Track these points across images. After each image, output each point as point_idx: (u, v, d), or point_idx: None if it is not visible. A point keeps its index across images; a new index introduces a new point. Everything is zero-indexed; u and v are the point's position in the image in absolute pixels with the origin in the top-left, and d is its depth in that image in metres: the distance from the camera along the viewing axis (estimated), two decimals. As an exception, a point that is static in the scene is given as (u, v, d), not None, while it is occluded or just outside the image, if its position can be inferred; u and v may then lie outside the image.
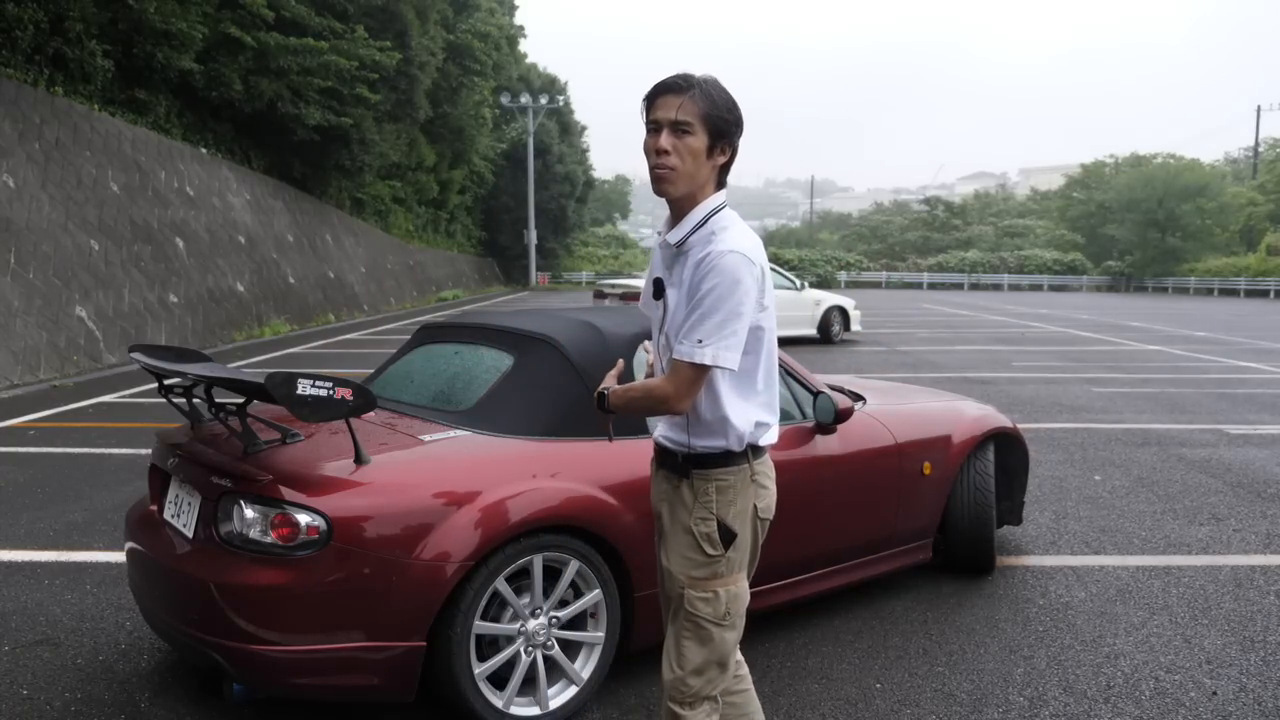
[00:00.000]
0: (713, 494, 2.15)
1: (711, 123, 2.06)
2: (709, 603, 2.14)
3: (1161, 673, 3.43)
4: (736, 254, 2.02)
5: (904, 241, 66.09)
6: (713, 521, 2.14)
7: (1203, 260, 50.85)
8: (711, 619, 2.15)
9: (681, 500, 2.19)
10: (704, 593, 2.14)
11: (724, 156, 2.11)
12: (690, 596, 2.15)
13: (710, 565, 2.15)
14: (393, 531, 2.71)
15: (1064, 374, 12.21)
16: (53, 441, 7.48)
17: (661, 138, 2.06)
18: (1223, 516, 5.46)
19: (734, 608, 2.16)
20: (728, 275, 2.01)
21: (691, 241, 2.11)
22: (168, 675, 3.34)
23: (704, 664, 2.16)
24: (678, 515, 2.19)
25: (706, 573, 2.15)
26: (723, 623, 2.15)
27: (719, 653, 2.16)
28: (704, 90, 2.06)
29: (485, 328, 3.66)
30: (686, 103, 2.04)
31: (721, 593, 2.15)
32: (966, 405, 4.70)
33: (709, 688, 2.18)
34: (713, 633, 2.15)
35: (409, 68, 25.24)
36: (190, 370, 3.03)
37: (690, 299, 2.06)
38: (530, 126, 45.88)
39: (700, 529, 2.15)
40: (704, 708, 2.18)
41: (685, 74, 2.09)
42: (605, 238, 69.22)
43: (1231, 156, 75.33)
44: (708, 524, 2.14)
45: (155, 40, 15.98)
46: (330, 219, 25.49)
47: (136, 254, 14.44)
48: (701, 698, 2.17)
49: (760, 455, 2.22)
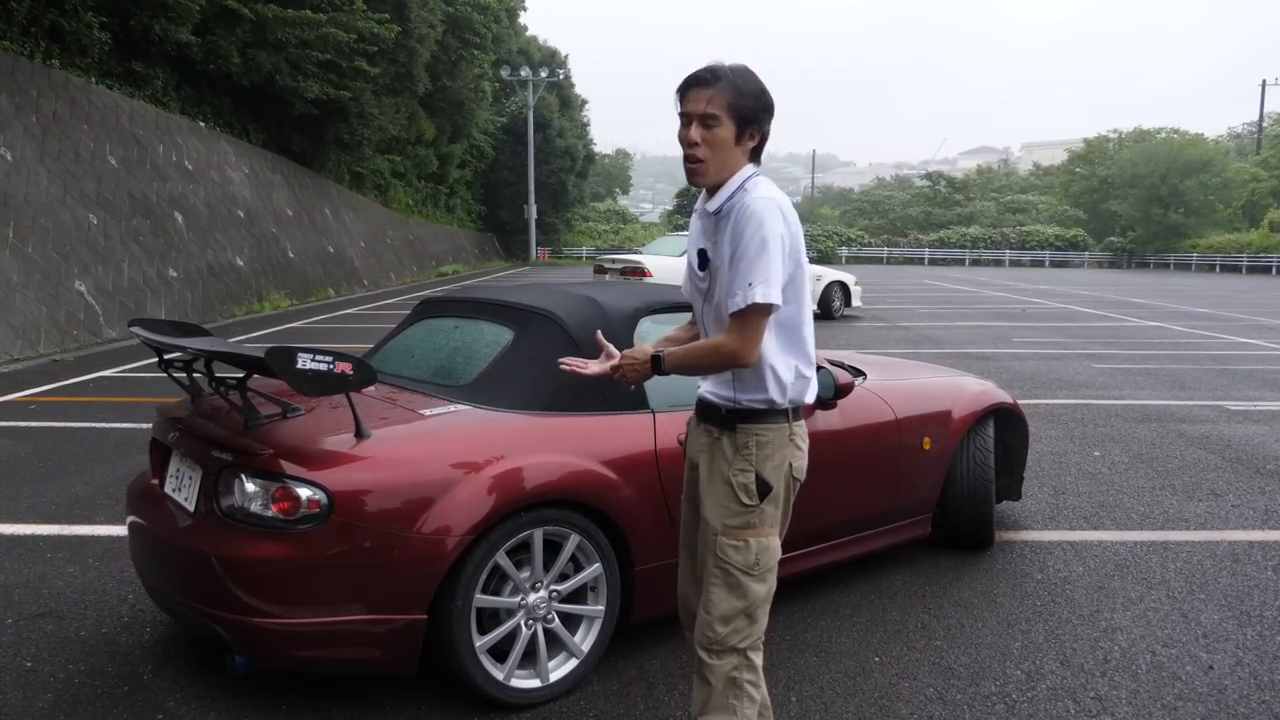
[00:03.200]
0: (753, 447, 2.26)
1: (738, 112, 2.16)
2: (740, 551, 2.25)
3: (1158, 647, 3.44)
4: (767, 199, 2.15)
5: (905, 217, 65.92)
6: (751, 473, 2.25)
7: (1205, 236, 50.68)
8: (741, 567, 2.25)
9: (722, 452, 2.30)
10: (736, 540, 2.25)
11: (753, 141, 2.23)
12: (722, 544, 2.26)
13: (745, 515, 2.25)
14: (393, 505, 2.71)
15: (1064, 350, 12.21)
16: (54, 416, 7.49)
17: (691, 130, 2.18)
18: (1221, 492, 5.48)
19: (763, 559, 2.26)
20: (760, 218, 2.12)
21: (728, 206, 2.21)
22: (170, 648, 3.36)
23: (731, 612, 2.26)
24: (717, 466, 2.30)
25: (740, 522, 2.25)
26: (751, 572, 2.25)
27: (747, 601, 2.26)
28: (730, 81, 2.16)
29: (485, 302, 3.65)
30: (714, 95, 2.15)
31: (753, 543, 2.25)
32: (967, 381, 4.69)
33: (735, 637, 2.26)
34: (741, 580, 2.25)
35: (408, 40, 25.04)
36: (190, 344, 3.02)
37: (733, 253, 2.16)
38: (530, 100, 45.59)
39: (739, 479, 2.25)
40: (731, 659, 2.26)
41: (713, 66, 2.19)
42: (606, 212, 69.05)
43: (1235, 131, 74.89)
44: (746, 475, 2.25)
45: (152, 12, 15.84)
46: (329, 193, 25.39)
47: (135, 228, 14.39)
48: (728, 648, 2.26)
49: (798, 418, 2.32)
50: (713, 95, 2.14)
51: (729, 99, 2.14)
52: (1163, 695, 3.08)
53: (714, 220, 2.25)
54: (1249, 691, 3.12)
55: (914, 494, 4.12)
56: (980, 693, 3.10)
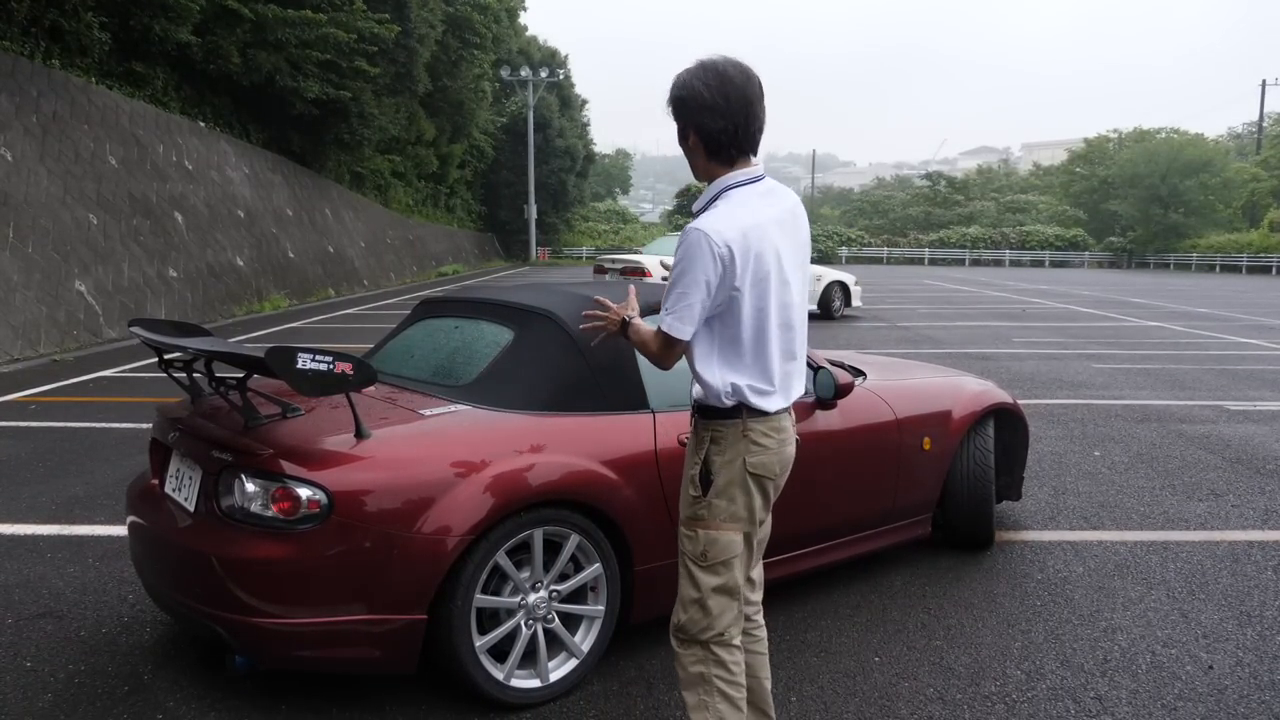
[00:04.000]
0: (707, 441, 2.31)
1: (676, 120, 2.27)
2: (690, 541, 2.34)
3: (1158, 647, 3.45)
4: (698, 231, 2.15)
5: (905, 217, 65.91)
6: (698, 466, 2.31)
7: (1205, 236, 50.66)
8: (691, 556, 2.33)
9: (691, 446, 2.38)
10: (689, 531, 2.34)
11: (693, 141, 2.26)
12: (681, 533, 2.38)
13: (693, 506, 2.32)
14: (393, 505, 2.71)
15: (1064, 350, 12.21)
16: (53, 416, 7.49)
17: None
18: (1221, 492, 5.48)
19: (711, 551, 2.30)
20: (685, 250, 2.16)
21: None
22: (170, 648, 3.36)
23: (686, 599, 2.34)
24: (687, 458, 2.39)
25: (690, 513, 2.34)
26: (700, 562, 2.31)
27: (699, 592, 2.31)
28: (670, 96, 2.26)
29: (485, 302, 3.65)
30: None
31: (700, 534, 2.31)
32: (967, 381, 4.69)
33: (693, 626, 2.32)
34: (692, 569, 2.32)
35: (408, 40, 25.03)
36: (190, 344, 3.02)
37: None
38: (530, 100, 45.58)
39: (690, 471, 2.35)
40: (695, 651, 2.31)
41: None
42: (606, 212, 69.02)
43: (1235, 131, 74.86)
44: (695, 468, 2.32)
45: (152, 12, 15.83)
46: (329, 193, 25.39)
47: (135, 228, 14.39)
48: (690, 637, 2.32)
49: (757, 416, 2.29)
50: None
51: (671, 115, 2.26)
52: (1163, 695, 3.08)
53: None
54: (1249, 691, 3.12)
55: (914, 494, 4.12)
56: (980, 693, 3.10)
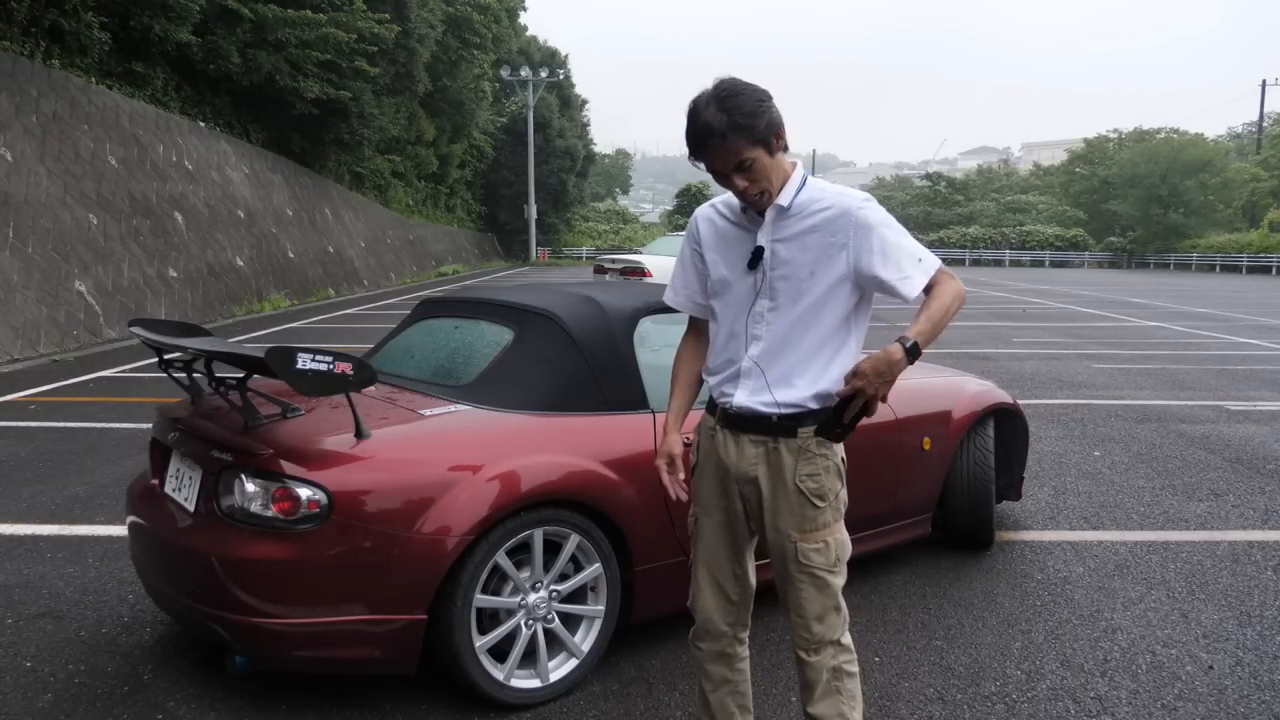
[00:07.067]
0: (813, 449, 2.25)
1: (759, 137, 2.11)
2: (820, 552, 2.28)
3: (1158, 647, 3.44)
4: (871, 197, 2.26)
5: (905, 217, 65.78)
6: (820, 476, 2.26)
7: (1205, 236, 50.62)
8: (824, 567, 2.28)
9: (781, 461, 2.27)
10: (815, 544, 2.28)
11: (781, 142, 2.18)
12: (803, 549, 2.28)
13: (818, 517, 2.27)
14: (393, 505, 2.71)
15: (1064, 350, 12.21)
16: (53, 416, 7.49)
17: (735, 180, 2.16)
18: (1221, 492, 5.48)
19: (842, 554, 2.31)
20: (884, 212, 2.24)
21: (800, 203, 2.22)
22: (170, 648, 3.36)
23: (822, 610, 2.29)
24: (781, 476, 2.28)
25: (815, 524, 2.28)
26: (834, 569, 2.29)
27: (835, 598, 2.30)
28: (735, 120, 2.07)
29: (485, 302, 3.65)
30: (734, 146, 2.09)
31: (830, 541, 2.28)
32: (967, 381, 4.69)
33: (831, 632, 2.30)
34: (827, 580, 2.28)
35: (408, 40, 25.04)
36: (190, 344, 3.02)
37: (860, 247, 2.19)
38: (530, 100, 45.56)
39: (807, 485, 2.26)
40: (828, 651, 2.31)
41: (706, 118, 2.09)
42: (606, 212, 69.01)
43: (1235, 131, 74.83)
44: (815, 479, 2.26)
45: (152, 12, 15.83)
46: (329, 193, 25.39)
47: (135, 228, 14.39)
48: (825, 642, 2.30)
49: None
50: (733, 147, 2.09)
51: (747, 140, 2.09)
52: (1163, 695, 3.08)
53: (785, 220, 2.23)
54: (1249, 691, 3.11)
55: (914, 494, 4.12)
56: (980, 693, 3.10)
